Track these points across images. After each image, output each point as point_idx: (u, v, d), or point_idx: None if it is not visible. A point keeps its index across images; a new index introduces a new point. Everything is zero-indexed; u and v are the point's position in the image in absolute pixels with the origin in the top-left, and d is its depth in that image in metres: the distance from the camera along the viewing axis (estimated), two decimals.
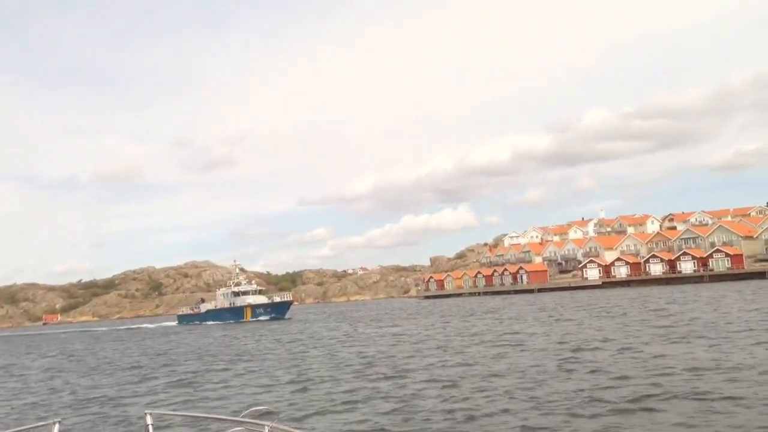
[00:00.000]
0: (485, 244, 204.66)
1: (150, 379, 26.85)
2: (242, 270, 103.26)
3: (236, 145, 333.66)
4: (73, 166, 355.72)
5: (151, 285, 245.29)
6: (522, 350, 26.26)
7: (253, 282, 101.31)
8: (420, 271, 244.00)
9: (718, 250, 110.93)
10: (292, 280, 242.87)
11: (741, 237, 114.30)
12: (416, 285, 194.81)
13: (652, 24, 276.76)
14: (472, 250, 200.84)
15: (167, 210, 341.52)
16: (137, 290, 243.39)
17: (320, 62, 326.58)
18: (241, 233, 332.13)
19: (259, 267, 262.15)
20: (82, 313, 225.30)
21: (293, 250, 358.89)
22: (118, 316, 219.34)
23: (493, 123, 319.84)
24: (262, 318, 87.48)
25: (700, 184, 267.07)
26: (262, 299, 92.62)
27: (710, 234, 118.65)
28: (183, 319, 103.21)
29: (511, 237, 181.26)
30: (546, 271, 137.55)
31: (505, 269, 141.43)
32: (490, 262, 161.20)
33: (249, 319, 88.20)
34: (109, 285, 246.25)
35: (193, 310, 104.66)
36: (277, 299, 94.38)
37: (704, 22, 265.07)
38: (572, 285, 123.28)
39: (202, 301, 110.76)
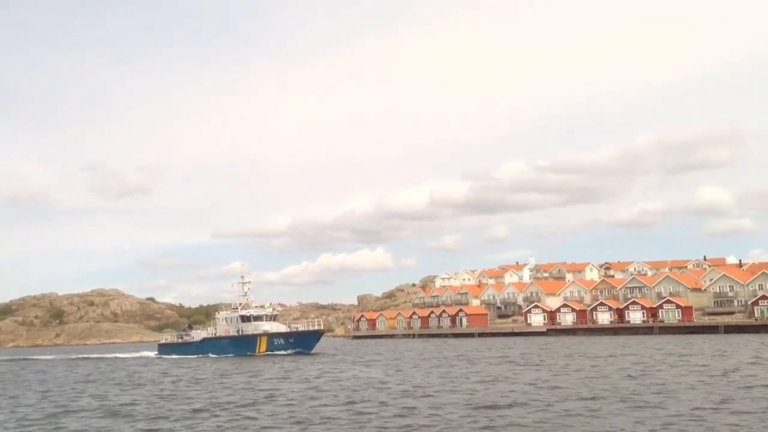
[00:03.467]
0: (414, 285, 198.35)
1: None
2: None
3: (152, 173, 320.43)
4: None
5: (52, 312, 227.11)
6: None
7: (269, 305, 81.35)
8: (340, 309, 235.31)
9: (668, 301, 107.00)
10: (206, 313, 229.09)
11: (689, 289, 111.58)
12: (342, 324, 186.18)
13: (568, 88, 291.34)
14: (402, 290, 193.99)
15: (74, 235, 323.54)
16: (36, 317, 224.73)
17: (242, 98, 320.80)
18: (152, 263, 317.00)
19: (170, 299, 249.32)
20: None
21: (207, 283, 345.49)
22: (12, 344, 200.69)
23: (412, 168, 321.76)
24: (281, 352, 69.13)
25: (608, 238, 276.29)
26: (281, 327, 74.16)
27: (657, 284, 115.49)
28: (166, 349, 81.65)
29: (443, 278, 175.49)
30: (486, 314, 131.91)
31: (444, 311, 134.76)
32: (424, 302, 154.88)
33: (264, 351, 70.27)
34: (4, 311, 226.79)
35: (181, 337, 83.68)
36: (299, 327, 75.78)
37: (615, 88, 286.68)
38: (515, 330, 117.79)
39: (190, 327, 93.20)
